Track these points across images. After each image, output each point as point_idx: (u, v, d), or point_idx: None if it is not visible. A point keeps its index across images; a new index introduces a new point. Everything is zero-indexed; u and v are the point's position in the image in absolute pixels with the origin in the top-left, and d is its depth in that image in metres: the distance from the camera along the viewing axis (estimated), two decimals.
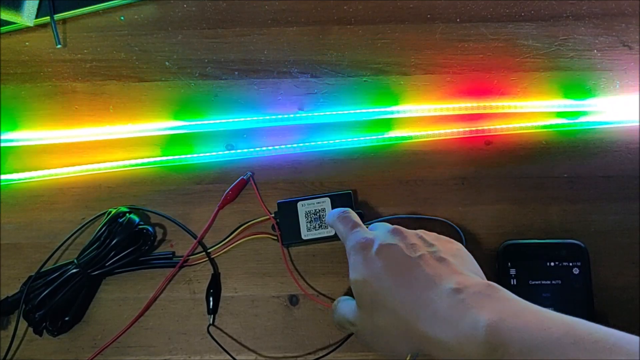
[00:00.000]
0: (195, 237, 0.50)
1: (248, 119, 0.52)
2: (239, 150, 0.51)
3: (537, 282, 0.47)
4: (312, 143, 0.51)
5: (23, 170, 0.51)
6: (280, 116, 0.52)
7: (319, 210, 0.49)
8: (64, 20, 0.53)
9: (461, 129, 0.52)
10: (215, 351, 0.48)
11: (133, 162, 0.51)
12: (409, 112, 0.52)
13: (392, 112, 0.52)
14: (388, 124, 0.52)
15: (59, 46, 0.52)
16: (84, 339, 0.49)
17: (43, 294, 0.46)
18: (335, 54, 0.53)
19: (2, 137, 0.51)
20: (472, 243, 0.50)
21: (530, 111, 0.52)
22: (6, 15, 0.51)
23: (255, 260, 0.50)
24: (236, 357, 0.48)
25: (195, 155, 0.51)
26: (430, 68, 0.53)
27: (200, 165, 0.51)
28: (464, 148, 0.52)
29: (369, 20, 0.53)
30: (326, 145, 0.51)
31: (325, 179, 0.51)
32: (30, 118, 0.52)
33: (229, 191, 0.50)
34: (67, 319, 0.47)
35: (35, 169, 0.51)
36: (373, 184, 0.51)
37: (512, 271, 0.48)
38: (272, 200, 0.50)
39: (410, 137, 0.51)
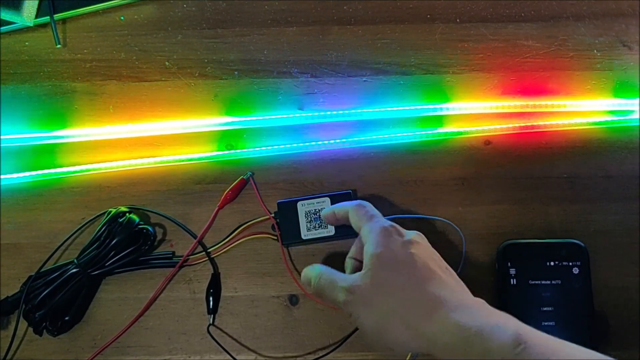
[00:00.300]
0: (195, 237, 0.50)
1: (248, 118, 0.52)
2: (239, 150, 0.51)
3: (537, 282, 0.47)
4: (312, 143, 0.51)
5: (24, 170, 0.51)
6: (280, 116, 0.52)
7: (319, 210, 0.49)
8: (64, 20, 0.53)
9: (461, 129, 0.52)
10: (215, 351, 0.48)
11: (133, 162, 0.51)
12: (409, 112, 0.52)
13: (391, 113, 0.52)
14: (388, 124, 0.52)
15: (58, 46, 0.52)
16: (84, 338, 0.49)
17: (43, 294, 0.46)
18: (335, 54, 0.53)
19: (2, 137, 0.51)
20: (472, 243, 0.50)
21: (530, 111, 0.52)
22: (6, 15, 0.51)
23: (255, 260, 0.50)
24: (236, 357, 0.48)
25: (195, 155, 0.51)
26: (430, 68, 0.53)
27: (200, 165, 0.51)
28: (464, 148, 0.52)
29: (368, 20, 0.53)
30: (326, 145, 0.51)
31: (325, 179, 0.51)
32: (30, 118, 0.52)
33: (228, 191, 0.50)
34: (67, 318, 0.47)
35: (36, 169, 0.51)
36: (373, 184, 0.51)
37: (512, 271, 0.48)
38: (272, 200, 0.50)
39: (410, 138, 0.51)
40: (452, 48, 0.53)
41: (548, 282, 0.47)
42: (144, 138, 0.52)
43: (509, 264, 0.48)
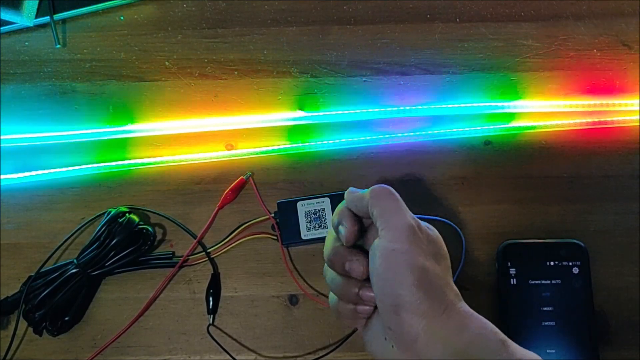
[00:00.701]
0: (195, 237, 0.50)
1: (248, 118, 0.52)
2: (238, 150, 0.51)
3: (537, 282, 0.47)
4: (312, 143, 0.51)
5: (23, 170, 0.51)
6: (280, 116, 0.52)
7: (319, 210, 0.49)
8: (64, 20, 0.54)
9: (461, 129, 0.52)
10: (215, 351, 0.48)
11: (133, 162, 0.51)
12: (408, 112, 0.52)
13: (391, 112, 0.52)
14: (387, 124, 0.52)
15: (58, 46, 0.53)
16: (83, 338, 0.49)
17: (43, 294, 0.46)
18: (335, 54, 0.53)
19: (2, 137, 0.51)
20: (472, 243, 0.50)
21: (530, 111, 0.52)
22: (6, 15, 0.51)
23: (255, 260, 0.50)
24: (236, 357, 0.48)
25: (195, 155, 0.51)
26: (430, 68, 0.53)
27: (200, 165, 0.51)
28: (463, 148, 0.52)
29: (368, 20, 0.53)
30: (326, 145, 0.51)
31: (325, 179, 0.51)
32: (30, 118, 0.52)
33: (228, 191, 0.50)
34: (67, 318, 0.47)
35: (35, 169, 0.51)
36: (373, 184, 0.51)
37: (512, 271, 0.48)
38: (272, 200, 0.50)
39: (410, 137, 0.51)
40: (452, 48, 0.53)
41: (548, 282, 0.47)
42: (144, 138, 0.52)
43: (509, 264, 0.48)
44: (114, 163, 0.51)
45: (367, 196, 0.36)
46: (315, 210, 0.49)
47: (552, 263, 0.48)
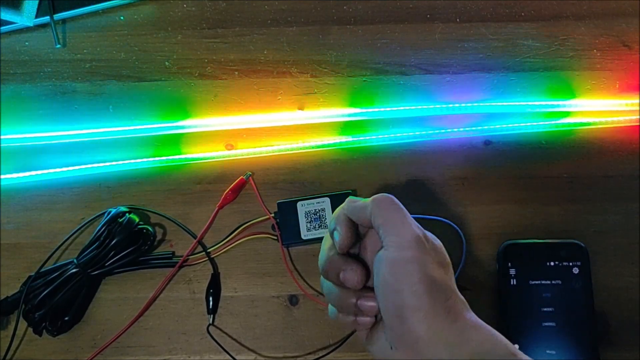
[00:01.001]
0: (195, 237, 0.50)
1: (248, 119, 0.52)
2: (238, 150, 0.51)
3: (537, 282, 0.47)
4: (312, 143, 0.51)
5: (23, 170, 0.51)
6: (280, 116, 0.52)
7: (319, 210, 0.49)
8: (64, 20, 0.54)
9: (461, 129, 0.52)
10: (215, 351, 0.48)
11: (133, 162, 0.51)
12: (409, 112, 0.52)
13: (391, 112, 0.52)
14: (388, 123, 0.52)
15: (58, 46, 0.53)
16: (83, 338, 0.49)
17: (43, 294, 0.46)
18: (335, 54, 0.53)
19: (2, 137, 0.51)
20: (472, 243, 0.50)
21: (530, 111, 0.52)
22: (6, 15, 0.51)
23: (255, 260, 0.50)
24: (236, 357, 0.48)
25: (195, 155, 0.51)
26: (430, 68, 0.53)
27: (200, 165, 0.51)
28: (463, 148, 0.52)
29: (368, 20, 0.53)
30: (326, 145, 0.51)
31: (325, 179, 0.51)
32: (30, 118, 0.52)
33: (228, 191, 0.50)
34: (66, 318, 0.47)
35: (35, 169, 0.51)
36: (373, 184, 0.51)
37: (512, 271, 0.48)
38: (272, 200, 0.50)
39: (410, 137, 0.51)
40: (452, 48, 0.53)
41: (548, 282, 0.47)
42: (144, 138, 0.52)
43: (509, 264, 0.48)
44: (114, 163, 0.51)
45: (369, 206, 0.35)
46: (315, 210, 0.49)
47: (552, 263, 0.47)
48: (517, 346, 0.46)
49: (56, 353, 0.48)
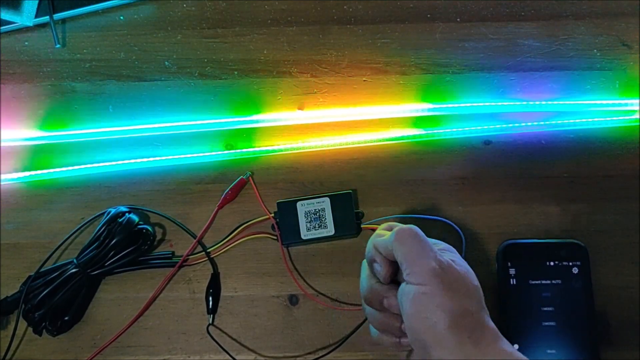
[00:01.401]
0: (194, 236, 0.50)
1: (248, 118, 0.52)
2: (238, 150, 0.51)
3: (537, 282, 0.47)
4: (312, 143, 0.51)
5: (23, 170, 0.51)
6: (280, 116, 0.52)
7: (319, 210, 0.49)
8: (64, 20, 0.53)
9: (461, 129, 0.52)
10: (214, 351, 0.48)
11: (133, 162, 0.51)
12: (409, 112, 0.52)
13: (392, 112, 0.52)
14: (388, 123, 0.52)
15: (58, 46, 0.52)
16: (83, 338, 0.49)
17: (42, 294, 0.46)
18: (335, 53, 0.53)
19: (2, 137, 0.51)
20: (472, 243, 0.50)
21: (530, 111, 0.52)
22: (6, 15, 0.51)
23: (255, 260, 0.50)
24: (236, 357, 0.48)
25: (195, 155, 0.51)
26: (430, 68, 0.53)
27: (199, 165, 0.51)
28: (463, 148, 0.52)
29: (368, 20, 0.53)
30: (326, 145, 0.51)
31: (325, 179, 0.51)
32: (30, 118, 0.52)
33: (228, 191, 0.50)
34: (66, 318, 0.47)
35: (35, 169, 0.51)
36: (373, 184, 0.51)
37: (512, 271, 0.48)
38: (271, 200, 0.50)
39: (410, 137, 0.51)
40: (452, 48, 0.53)
41: (548, 282, 0.47)
42: (144, 138, 0.52)
43: (509, 264, 0.48)
44: (113, 163, 0.51)
45: (390, 239, 0.35)
46: (315, 210, 0.49)
47: (552, 263, 0.47)
48: (516, 346, 0.46)
49: (56, 353, 0.48)
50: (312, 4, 0.54)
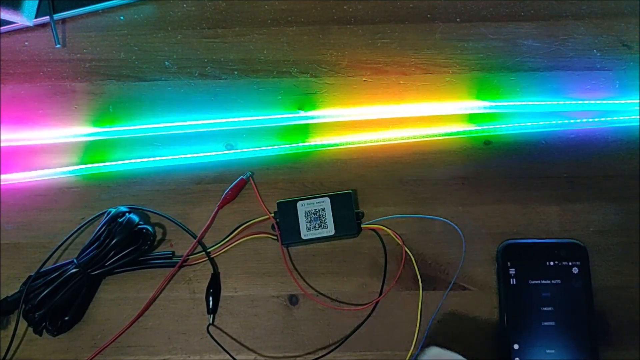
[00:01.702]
0: (194, 236, 0.50)
1: (248, 118, 0.52)
2: (238, 150, 0.51)
3: (536, 282, 0.47)
4: (312, 143, 0.51)
5: (23, 170, 0.51)
6: (280, 116, 0.52)
7: (319, 210, 0.49)
8: (64, 20, 0.53)
9: (461, 129, 0.52)
10: (214, 351, 0.48)
11: (133, 162, 0.51)
12: (409, 112, 0.52)
13: (391, 112, 0.52)
14: (388, 123, 0.52)
15: (58, 46, 0.52)
16: (83, 338, 0.49)
17: (43, 294, 0.46)
18: (335, 53, 0.53)
19: (2, 137, 0.51)
20: (472, 243, 0.50)
21: (530, 111, 0.52)
22: (6, 15, 0.51)
23: (255, 260, 0.50)
24: (236, 357, 0.48)
25: (194, 155, 0.51)
26: (430, 68, 0.53)
27: (199, 165, 0.51)
28: (463, 148, 0.52)
29: (368, 20, 0.53)
30: (326, 145, 0.51)
31: (325, 179, 0.51)
32: (30, 118, 0.52)
33: (228, 191, 0.50)
34: (66, 318, 0.47)
35: (35, 169, 0.51)
36: (373, 184, 0.51)
37: (512, 271, 0.48)
38: (271, 200, 0.50)
39: (410, 137, 0.51)
40: (452, 48, 0.53)
41: (548, 281, 0.47)
42: (144, 138, 0.52)
43: (508, 263, 0.48)
44: (113, 163, 0.51)
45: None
46: (315, 210, 0.49)
47: (551, 263, 0.48)
48: (516, 346, 0.46)
49: (56, 353, 0.48)
50: (312, 4, 0.54)
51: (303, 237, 0.48)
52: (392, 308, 0.49)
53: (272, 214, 0.49)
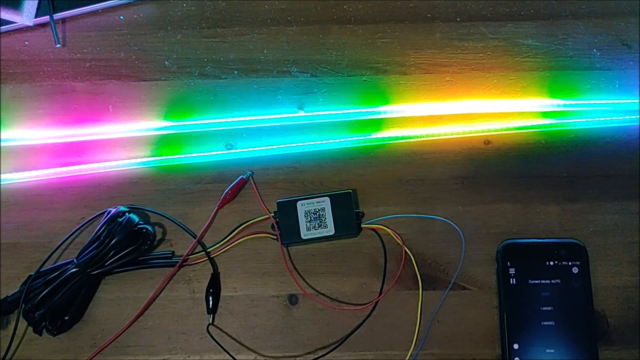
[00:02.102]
0: (194, 236, 0.50)
1: (248, 118, 0.52)
2: (238, 150, 0.51)
3: (536, 282, 0.47)
4: (312, 143, 0.51)
5: (23, 170, 0.51)
6: (280, 116, 0.52)
7: (319, 210, 0.49)
8: (64, 20, 0.53)
9: (461, 129, 0.52)
10: (214, 351, 0.48)
11: (133, 162, 0.51)
12: (409, 111, 0.52)
13: (391, 112, 0.52)
14: (388, 123, 0.52)
15: (58, 46, 0.52)
16: (83, 338, 0.49)
17: (42, 294, 0.46)
18: (335, 53, 0.53)
19: (2, 137, 0.51)
20: (472, 243, 0.50)
21: (530, 111, 0.52)
22: (6, 15, 0.51)
23: (255, 260, 0.50)
24: (236, 357, 0.48)
25: (194, 155, 0.51)
26: (430, 67, 0.53)
27: (199, 165, 0.51)
28: (463, 148, 0.52)
29: (368, 20, 0.53)
30: (326, 145, 0.51)
31: (325, 178, 0.51)
32: (30, 118, 0.52)
33: (228, 190, 0.50)
34: (66, 318, 0.47)
35: (35, 169, 0.51)
36: (373, 184, 0.51)
37: (512, 271, 0.48)
38: (271, 200, 0.50)
39: (410, 137, 0.51)
40: (452, 47, 0.53)
41: (547, 281, 0.47)
42: (144, 138, 0.52)
43: (508, 263, 0.48)
44: (113, 163, 0.51)
45: None
46: (315, 210, 0.49)
47: (551, 263, 0.48)
48: (516, 346, 0.46)
49: (56, 353, 0.48)
50: (312, 4, 0.54)
51: (303, 236, 0.48)
52: (391, 308, 0.49)
53: (272, 214, 0.49)
